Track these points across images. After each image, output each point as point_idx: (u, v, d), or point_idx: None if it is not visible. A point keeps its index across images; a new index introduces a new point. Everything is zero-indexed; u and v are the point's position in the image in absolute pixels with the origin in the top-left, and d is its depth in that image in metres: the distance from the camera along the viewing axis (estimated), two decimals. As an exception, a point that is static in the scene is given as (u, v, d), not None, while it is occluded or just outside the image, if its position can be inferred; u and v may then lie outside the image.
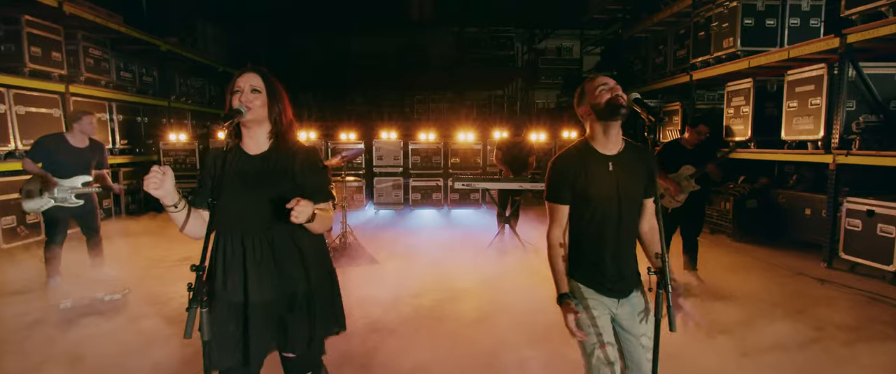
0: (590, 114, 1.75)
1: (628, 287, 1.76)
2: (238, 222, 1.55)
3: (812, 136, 5.07)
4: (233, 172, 1.57)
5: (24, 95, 5.59)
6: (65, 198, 3.93)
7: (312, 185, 1.63)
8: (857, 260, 4.61)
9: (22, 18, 5.55)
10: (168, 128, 8.44)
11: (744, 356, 2.83)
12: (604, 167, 1.72)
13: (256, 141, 1.65)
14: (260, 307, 1.55)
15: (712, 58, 6.69)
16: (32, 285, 4.12)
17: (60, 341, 2.98)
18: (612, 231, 1.72)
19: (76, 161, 3.97)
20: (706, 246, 5.80)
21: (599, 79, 1.75)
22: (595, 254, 1.74)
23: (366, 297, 3.81)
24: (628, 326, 1.75)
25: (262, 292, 1.55)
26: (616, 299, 1.74)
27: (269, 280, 1.56)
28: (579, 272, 1.77)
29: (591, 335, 1.69)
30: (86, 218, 4.16)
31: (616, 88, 1.71)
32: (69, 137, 3.97)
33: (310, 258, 1.61)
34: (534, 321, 3.25)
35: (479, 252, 5.33)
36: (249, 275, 1.54)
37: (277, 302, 1.58)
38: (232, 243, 1.55)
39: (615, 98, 1.66)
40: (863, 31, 4.46)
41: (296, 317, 1.58)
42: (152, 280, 4.28)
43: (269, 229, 1.56)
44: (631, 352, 1.75)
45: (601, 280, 1.73)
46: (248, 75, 1.62)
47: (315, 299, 1.62)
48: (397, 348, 2.94)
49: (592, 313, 1.71)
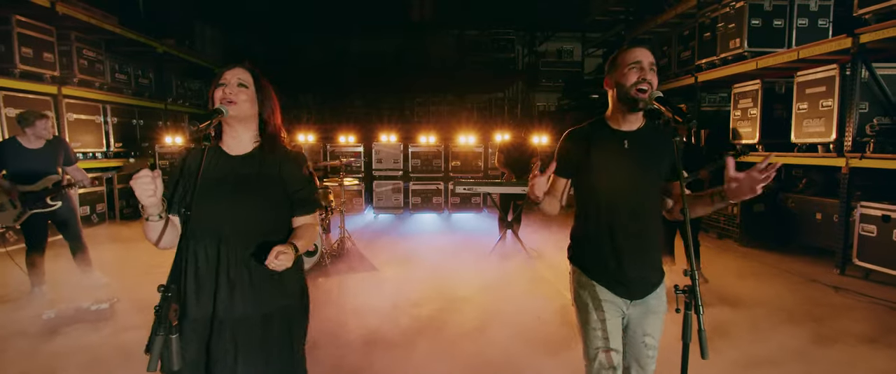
0: (613, 88, 1.62)
1: (647, 288, 1.62)
2: (214, 230, 1.40)
3: (823, 138, 4.93)
4: (210, 174, 1.42)
5: (14, 97, 5.46)
6: (38, 203, 3.75)
7: (299, 196, 1.51)
8: (871, 267, 4.46)
9: (12, 18, 5.43)
10: (164, 131, 8.31)
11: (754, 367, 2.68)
12: (618, 146, 1.60)
13: (239, 141, 1.51)
14: (227, 324, 1.39)
15: (718, 59, 6.55)
16: (16, 293, 3.97)
17: (38, 354, 2.83)
18: (626, 221, 1.58)
19: (37, 163, 3.76)
20: (713, 251, 5.68)
21: (635, 53, 1.58)
22: (607, 246, 1.60)
23: (363, 306, 3.66)
24: (637, 326, 1.64)
25: (232, 309, 1.39)
26: (630, 300, 1.61)
27: (243, 298, 1.40)
28: (590, 268, 1.65)
29: (597, 337, 1.58)
30: (65, 224, 3.98)
31: (648, 70, 1.55)
32: (23, 140, 3.74)
33: (286, 275, 1.44)
34: (536, 330, 3.11)
35: (481, 258, 5.18)
36: (220, 289, 1.38)
37: (246, 321, 1.42)
38: (206, 252, 1.40)
39: (636, 90, 1.53)
40: (876, 31, 4.32)
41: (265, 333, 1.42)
42: (145, 289, 4.11)
43: (248, 238, 1.41)
44: (634, 348, 1.65)
45: (614, 277, 1.60)
46: (236, 69, 1.49)
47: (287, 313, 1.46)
48: (395, 362, 2.79)
49: (603, 315, 1.59)
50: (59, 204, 3.86)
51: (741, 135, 6.18)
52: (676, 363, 1.34)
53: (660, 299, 1.66)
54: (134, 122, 7.86)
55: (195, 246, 1.40)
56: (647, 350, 1.65)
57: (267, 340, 1.43)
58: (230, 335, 1.38)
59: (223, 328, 1.38)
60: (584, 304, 1.65)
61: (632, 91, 1.53)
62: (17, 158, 3.70)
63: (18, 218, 3.71)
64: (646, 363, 1.66)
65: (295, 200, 1.50)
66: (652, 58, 1.57)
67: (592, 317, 1.62)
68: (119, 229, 6.73)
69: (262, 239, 1.41)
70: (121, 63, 7.61)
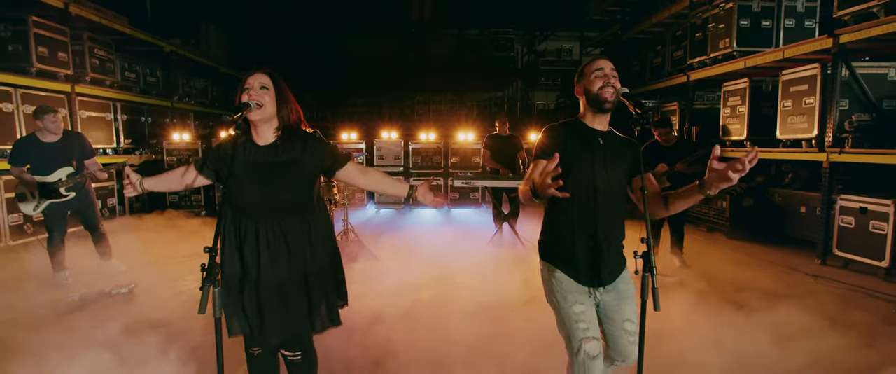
0: (583, 95, 1.82)
1: (613, 273, 1.77)
2: (252, 209, 1.68)
3: (806, 134, 5.15)
4: (243, 162, 1.68)
5: (31, 95, 5.69)
6: (54, 193, 3.99)
7: (329, 161, 1.82)
8: (850, 256, 4.68)
9: (29, 19, 5.66)
10: (171, 128, 8.54)
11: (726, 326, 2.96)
12: (593, 142, 1.77)
13: (264, 136, 1.78)
14: (273, 287, 1.67)
15: (709, 58, 6.77)
16: (39, 279, 4.19)
17: (69, 331, 3.06)
18: (592, 212, 1.73)
19: (52, 156, 4.00)
20: (703, 244, 5.91)
21: (597, 63, 1.79)
22: (575, 238, 1.74)
23: (367, 292, 3.89)
24: (612, 312, 1.77)
25: (275, 275, 1.67)
26: (601, 287, 1.77)
27: (281, 263, 1.67)
28: (559, 261, 1.78)
29: (578, 329, 1.68)
30: (84, 213, 4.23)
31: (610, 75, 1.75)
32: (40, 135, 4.01)
33: (318, 240, 1.73)
34: (528, 313, 3.33)
35: (478, 250, 5.40)
36: (262, 258, 1.65)
37: (288, 283, 1.69)
38: (246, 227, 1.67)
39: (602, 92, 1.73)
40: (855, 32, 4.54)
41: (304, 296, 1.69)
42: (160, 276, 4.36)
43: (280, 214, 1.68)
44: (614, 337, 1.78)
45: (584, 271, 1.74)
46: (258, 75, 1.75)
47: (323, 279, 1.73)
48: (398, 337, 3.02)
49: (579, 308, 1.71)
50: (73, 195, 4.08)
51: (731, 131, 6.40)
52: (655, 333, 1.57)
53: (628, 284, 1.81)
54: (142, 119, 8.09)
55: (234, 218, 1.66)
56: (629, 336, 1.76)
57: (306, 295, 1.70)
58: (274, 294, 1.65)
59: (267, 288, 1.64)
60: (561, 299, 1.76)
61: (599, 94, 1.73)
62: (35, 152, 3.97)
63: (37, 208, 3.98)
64: (628, 352, 1.77)
65: (327, 165, 1.82)
66: (612, 65, 1.78)
67: (571, 311, 1.72)
68: (131, 221, 6.96)
69: (293, 212, 1.67)
70: (130, 62, 7.83)
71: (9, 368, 2.49)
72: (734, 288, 3.99)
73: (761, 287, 4.00)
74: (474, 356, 2.78)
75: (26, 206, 3.99)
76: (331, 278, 1.87)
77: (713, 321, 3.19)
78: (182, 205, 7.99)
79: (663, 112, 8.24)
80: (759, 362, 2.68)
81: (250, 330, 1.72)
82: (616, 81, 1.75)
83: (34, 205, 3.99)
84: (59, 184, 3.99)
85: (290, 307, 1.73)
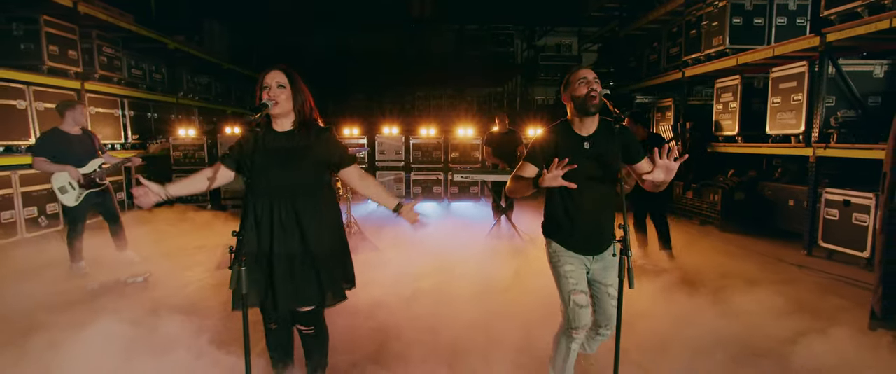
0: (570, 102, 2.04)
1: (602, 246, 2.07)
2: (269, 189, 1.87)
3: (794, 130, 5.32)
4: (263, 148, 1.88)
5: (43, 92, 5.86)
6: (92, 184, 4.17)
7: (336, 158, 2.01)
8: (834, 248, 4.87)
9: (40, 18, 5.81)
10: (177, 123, 8.71)
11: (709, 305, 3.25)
12: (580, 146, 2.02)
13: (282, 125, 1.99)
14: (284, 260, 1.87)
15: (703, 55, 6.93)
16: (59, 270, 4.39)
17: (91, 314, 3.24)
18: (586, 206, 2.02)
19: (80, 148, 4.18)
20: (695, 236, 6.09)
21: (581, 72, 2.02)
22: (569, 219, 2.05)
23: (369, 281, 4.07)
24: (600, 278, 2.10)
25: (286, 249, 1.87)
26: (591, 256, 2.07)
27: (292, 239, 1.86)
28: (557, 236, 2.10)
29: (569, 283, 2.02)
30: (105, 205, 4.41)
31: (593, 82, 1.98)
32: (65, 128, 4.16)
33: (326, 222, 1.92)
34: (523, 299, 3.53)
35: (477, 241, 5.59)
36: (276, 233, 1.85)
37: (298, 257, 1.89)
38: (263, 207, 1.86)
39: (588, 97, 1.93)
40: (841, 31, 4.70)
41: (313, 271, 1.88)
42: (174, 265, 4.56)
43: (294, 195, 1.87)
44: (599, 299, 2.11)
45: (575, 243, 2.06)
46: (274, 73, 1.92)
47: (330, 257, 1.92)
48: (400, 321, 3.22)
49: (571, 268, 2.05)
50: (107, 183, 4.30)
51: (723, 127, 6.57)
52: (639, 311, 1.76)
53: (614, 257, 2.08)
54: (149, 115, 8.27)
55: (253, 202, 1.85)
56: (610, 299, 2.10)
57: (316, 273, 1.90)
58: (285, 267, 1.84)
59: (279, 261, 1.83)
60: (557, 262, 2.10)
61: (585, 100, 1.96)
62: (64, 144, 4.12)
63: (79, 198, 4.15)
64: (610, 311, 2.10)
65: (334, 161, 2.00)
66: (594, 74, 2.02)
67: (564, 270, 2.07)
68: (141, 214, 7.13)
69: (304, 194, 1.86)
70: (136, 59, 8.00)
71: (37, 344, 2.68)
72: (718, 275, 4.19)
73: (745, 276, 4.20)
74: (473, 334, 2.97)
75: (68, 197, 4.13)
76: (338, 256, 2.07)
77: (690, 303, 3.43)
78: (189, 199, 8.16)
79: (659, 107, 8.40)
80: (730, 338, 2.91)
81: (265, 300, 1.91)
82: (598, 85, 1.97)
83: (76, 195, 4.15)
84: (94, 175, 4.19)
85: (299, 279, 1.93)
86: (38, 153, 4.06)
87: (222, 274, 4.39)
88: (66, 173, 4.09)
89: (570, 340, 2.09)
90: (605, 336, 2.18)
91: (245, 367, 1.64)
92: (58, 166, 4.06)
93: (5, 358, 2.58)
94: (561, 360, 2.16)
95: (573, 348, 2.11)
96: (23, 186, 5.48)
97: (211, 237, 5.90)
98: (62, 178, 4.10)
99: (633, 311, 3.20)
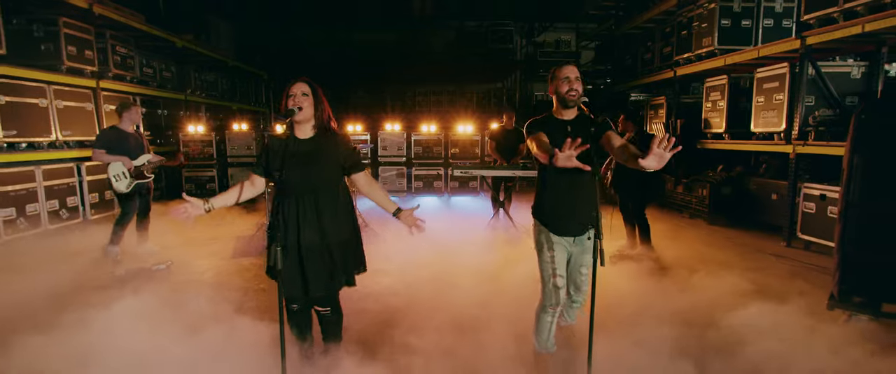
0: (554, 94, 2.38)
1: (582, 229, 2.37)
2: (294, 188, 2.18)
3: (776, 128, 5.62)
4: (288, 152, 2.18)
5: (62, 91, 6.14)
6: (140, 175, 4.61)
7: (349, 162, 2.30)
8: (811, 239, 5.18)
9: (59, 20, 6.09)
10: (185, 120, 9.01)
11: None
12: (563, 130, 2.32)
13: (304, 131, 2.28)
14: (308, 249, 2.19)
15: (694, 55, 7.20)
16: (84, 258, 4.70)
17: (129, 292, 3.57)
18: (568, 185, 2.33)
19: (134, 144, 4.64)
20: (683, 228, 6.40)
21: (565, 70, 2.33)
22: (556, 202, 2.37)
23: (375, 269, 4.38)
24: (577, 259, 2.43)
25: (310, 240, 2.18)
26: (571, 238, 2.39)
27: (314, 232, 2.18)
28: (546, 219, 2.42)
29: (550, 267, 2.37)
30: (145, 197, 4.80)
31: (575, 81, 2.30)
32: (122, 126, 4.61)
33: (342, 216, 2.24)
34: (518, 283, 3.85)
35: (476, 232, 5.90)
36: (301, 226, 2.17)
37: (320, 245, 2.21)
38: (289, 204, 2.18)
39: (567, 93, 2.27)
40: (819, 34, 4.98)
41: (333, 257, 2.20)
42: (192, 254, 4.89)
43: (315, 192, 2.18)
44: (574, 277, 2.45)
45: (557, 225, 2.37)
46: (300, 84, 2.23)
47: (346, 245, 2.23)
48: (405, 303, 3.54)
49: (553, 253, 2.37)
50: (153, 176, 4.74)
51: (712, 124, 6.86)
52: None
53: (590, 241, 2.40)
54: (159, 112, 8.56)
55: (281, 200, 2.16)
56: (583, 277, 2.47)
57: (335, 259, 2.22)
58: (312, 256, 2.16)
59: (306, 252, 2.16)
60: (541, 245, 2.44)
61: (565, 95, 2.30)
62: (120, 139, 4.57)
63: (129, 186, 4.57)
64: (582, 285, 2.47)
65: (347, 165, 2.29)
66: (577, 72, 2.32)
67: (547, 255, 2.40)
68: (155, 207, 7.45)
69: (324, 191, 2.17)
70: (147, 58, 8.27)
71: (84, 317, 3.01)
72: (696, 262, 4.51)
73: (721, 263, 4.52)
74: (472, 311, 3.30)
75: (121, 184, 4.58)
76: (354, 245, 2.39)
77: (662, 284, 3.81)
78: (197, 193, 8.46)
79: (653, 105, 8.68)
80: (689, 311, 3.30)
81: (293, 286, 2.22)
82: (579, 83, 2.30)
83: (127, 183, 4.59)
84: (143, 167, 4.61)
85: (320, 267, 2.24)
86: (98, 146, 4.51)
87: (237, 263, 4.72)
88: (121, 163, 4.53)
89: (547, 314, 2.45)
90: (578, 303, 2.57)
91: (279, 329, 1.95)
92: (113, 157, 4.50)
93: (53, 334, 2.89)
94: (544, 331, 2.50)
95: (551, 320, 2.47)
96: (46, 180, 5.79)
97: (222, 229, 6.23)
98: (117, 166, 4.55)
99: (612, 290, 3.55)
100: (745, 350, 2.78)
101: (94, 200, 6.44)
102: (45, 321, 3.09)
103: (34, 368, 2.50)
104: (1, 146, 5.32)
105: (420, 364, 2.64)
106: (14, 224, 5.29)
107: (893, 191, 2.95)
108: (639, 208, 4.84)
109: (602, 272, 2.18)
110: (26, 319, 3.19)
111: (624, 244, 5.02)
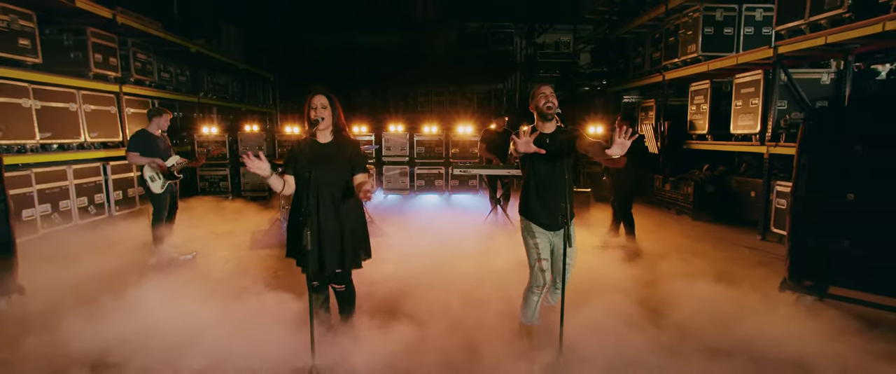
0: (534, 109, 2.82)
1: (561, 223, 2.78)
2: (314, 185, 2.64)
3: (752, 130, 6.05)
4: (311, 154, 2.65)
5: (89, 96, 6.62)
6: (171, 176, 5.01)
7: (357, 164, 2.78)
8: (783, 233, 5.59)
9: (87, 30, 6.56)
10: (199, 122, 9.47)
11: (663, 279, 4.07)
12: (541, 140, 2.76)
13: (324, 136, 2.77)
14: (326, 234, 2.67)
15: (680, 61, 7.63)
16: (116, 248, 5.18)
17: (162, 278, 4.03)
18: (547, 185, 2.76)
19: (163, 147, 5.04)
20: (669, 223, 6.84)
21: (542, 89, 2.80)
22: (537, 199, 2.79)
23: (379, 260, 4.76)
24: (558, 249, 2.86)
25: (328, 226, 2.67)
26: (553, 232, 2.82)
27: (331, 219, 2.67)
28: (530, 214, 2.85)
29: (535, 253, 2.79)
30: (174, 196, 5.22)
31: (550, 97, 2.75)
32: (152, 130, 5.02)
33: (353, 207, 2.72)
34: (511, 272, 4.29)
35: (474, 227, 6.35)
36: (321, 215, 2.64)
37: (335, 231, 2.69)
38: (311, 197, 2.65)
39: (544, 107, 2.71)
40: (789, 44, 5.41)
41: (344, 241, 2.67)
42: (214, 246, 5.38)
43: (332, 188, 2.66)
44: (556, 264, 2.89)
45: (540, 219, 2.80)
46: (320, 97, 2.70)
47: (355, 232, 2.72)
48: (407, 290, 3.97)
49: (537, 240, 2.81)
50: (181, 177, 5.12)
51: (696, 126, 7.29)
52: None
53: (571, 233, 2.81)
54: (174, 114, 8.99)
55: (304, 193, 2.62)
56: (567, 267, 2.80)
57: (345, 243, 2.69)
58: (328, 240, 2.64)
59: (324, 236, 2.64)
60: (527, 235, 2.88)
61: (543, 109, 2.74)
62: (152, 143, 4.96)
63: (163, 186, 4.95)
64: (565, 273, 2.82)
65: (355, 166, 2.76)
66: (552, 90, 2.78)
67: (531, 243, 2.84)
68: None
69: (339, 188, 2.65)
70: (164, 63, 8.75)
71: (134, 297, 3.50)
72: (672, 251, 4.96)
73: (694, 253, 4.95)
74: (468, 292, 3.75)
75: (155, 185, 4.94)
76: (360, 233, 2.86)
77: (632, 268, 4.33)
78: (211, 191, 8.96)
79: (643, 107, 9.11)
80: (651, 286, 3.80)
81: (312, 264, 2.68)
82: (553, 98, 2.73)
83: (161, 184, 4.98)
84: (173, 168, 5.02)
85: (335, 249, 2.72)
86: (132, 149, 4.89)
87: (256, 254, 5.18)
88: (157, 164, 4.92)
89: (534, 294, 2.89)
90: (560, 289, 2.93)
91: (309, 298, 2.43)
92: (147, 159, 4.87)
93: (116, 308, 3.36)
94: (530, 308, 2.95)
95: (537, 299, 2.91)
96: (76, 179, 6.27)
97: (238, 223, 6.70)
98: (151, 168, 4.92)
99: (589, 271, 4.01)
100: (692, 317, 3.30)
101: (118, 197, 6.93)
102: (104, 300, 3.54)
103: (107, 338, 2.96)
104: (36, 147, 5.80)
105: (419, 333, 3.09)
106: (50, 219, 5.77)
107: (833, 188, 3.39)
108: (625, 208, 5.29)
109: (583, 258, 2.66)
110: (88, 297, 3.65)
111: (606, 232, 5.48)
